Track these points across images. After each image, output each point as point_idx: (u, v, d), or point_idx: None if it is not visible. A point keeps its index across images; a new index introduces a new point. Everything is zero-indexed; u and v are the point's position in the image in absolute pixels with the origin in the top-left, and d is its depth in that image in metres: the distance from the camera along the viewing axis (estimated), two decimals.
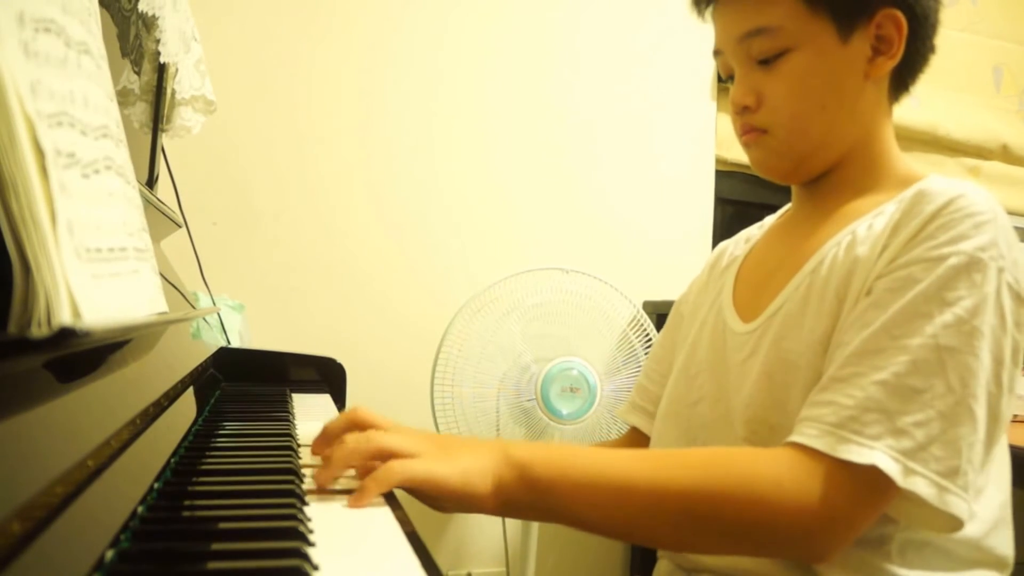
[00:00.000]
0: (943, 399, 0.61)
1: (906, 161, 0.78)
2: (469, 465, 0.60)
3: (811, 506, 0.60)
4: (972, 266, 0.63)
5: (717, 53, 0.80)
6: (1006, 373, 0.64)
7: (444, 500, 0.60)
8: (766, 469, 0.62)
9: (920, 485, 0.59)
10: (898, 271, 0.65)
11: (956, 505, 0.60)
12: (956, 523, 0.61)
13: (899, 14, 0.73)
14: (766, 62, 0.75)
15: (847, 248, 0.71)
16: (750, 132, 0.77)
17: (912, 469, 0.60)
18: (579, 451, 0.69)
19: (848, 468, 0.60)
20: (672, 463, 0.65)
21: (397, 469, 0.58)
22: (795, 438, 0.63)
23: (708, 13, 0.80)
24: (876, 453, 0.59)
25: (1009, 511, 0.72)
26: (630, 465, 0.64)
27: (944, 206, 0.66)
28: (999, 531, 0.70)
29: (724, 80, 0.81)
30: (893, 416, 0.60)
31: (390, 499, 0.59)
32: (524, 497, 0.62)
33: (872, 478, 0.60)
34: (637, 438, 0.95)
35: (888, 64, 0.74)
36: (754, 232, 0.92)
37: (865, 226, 0.71)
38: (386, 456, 0.59)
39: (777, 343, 0.73)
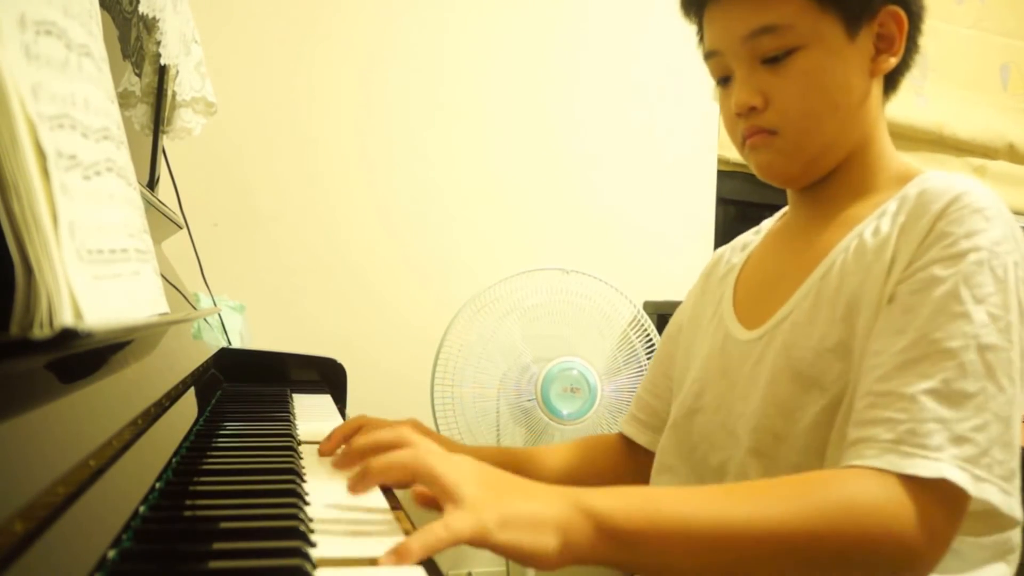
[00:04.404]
0: (995, 399, 0.59)
1: (900, 158, 0.78)
2: (528, 517, 0.51)
3: (912, 529, 0.56)
4: (993, 260, 0.62)
5: (711, 55, 0.78)
6: None
7: (496, 553, 0.52)
8: (860, 495, 0.57)
9: (991, 492, 0.57)
10: (918, 273, 0.64)
11: (1017, 509, 0.58)
12: (1012, 524, 0.59)
13: (900, 11, 0.73)
14: (773, 61, 0.73)
15: (855, 253, 0.70)
16: (757, 134, 0.75)
17: (980, 476, 0.57)
18: (658, 494, 0.61)
19: (919, 484, 0.56)
20: (764, 499, 0.58)
21: (442, 535, 0.48)
22: (855, 461, 0.59)
23: (702, 14, 0.78)
24: (942, 465, 0.56)
25: None
26: (721, 505, 0.57)
27: (951, 203, 0.65)
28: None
29: (717, 82, 0.79)
30: (951, 424, 0.58)
31: (390, 498, 0.59)
32: (603, 551, 0.53)
33: (944, 490, 0.57)
34: (625, 445, 0.95)
35: (891, 61, 0.74)
36: (751, 238, 0.90)
37: (871, 229, 0.70)
38: (425, 477, 0.53)
39: (785, 351, 0.71)
